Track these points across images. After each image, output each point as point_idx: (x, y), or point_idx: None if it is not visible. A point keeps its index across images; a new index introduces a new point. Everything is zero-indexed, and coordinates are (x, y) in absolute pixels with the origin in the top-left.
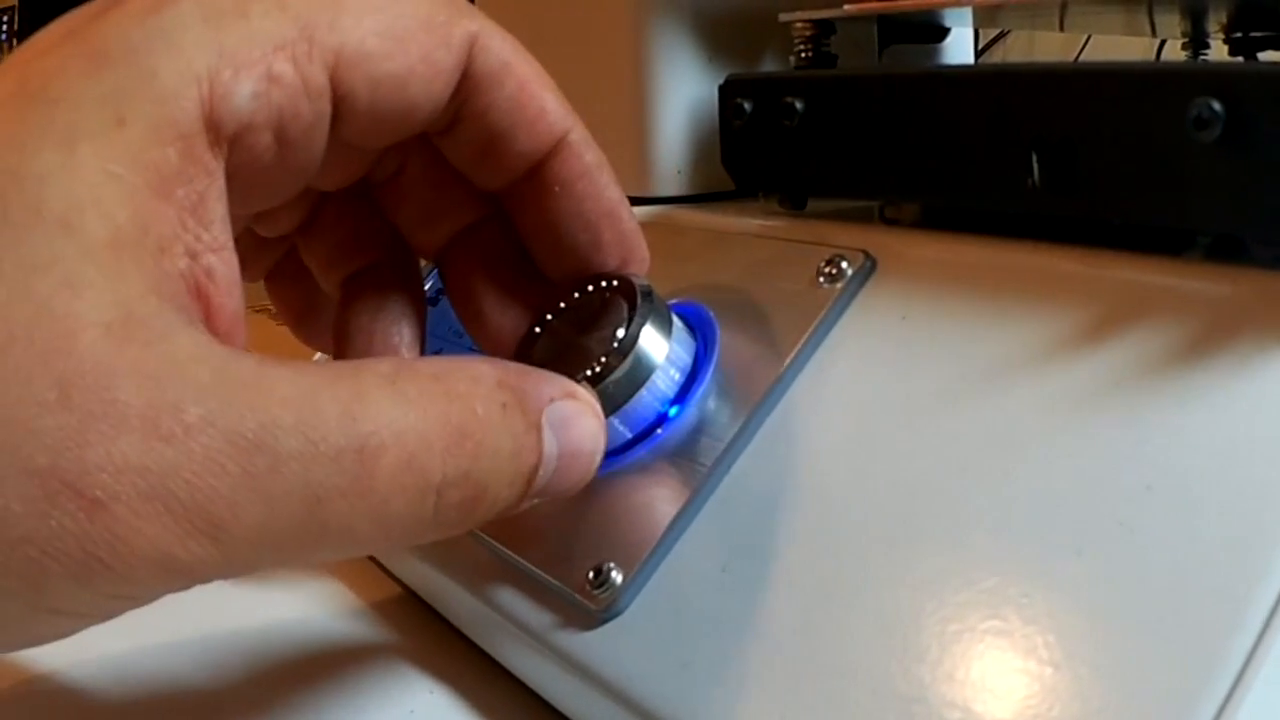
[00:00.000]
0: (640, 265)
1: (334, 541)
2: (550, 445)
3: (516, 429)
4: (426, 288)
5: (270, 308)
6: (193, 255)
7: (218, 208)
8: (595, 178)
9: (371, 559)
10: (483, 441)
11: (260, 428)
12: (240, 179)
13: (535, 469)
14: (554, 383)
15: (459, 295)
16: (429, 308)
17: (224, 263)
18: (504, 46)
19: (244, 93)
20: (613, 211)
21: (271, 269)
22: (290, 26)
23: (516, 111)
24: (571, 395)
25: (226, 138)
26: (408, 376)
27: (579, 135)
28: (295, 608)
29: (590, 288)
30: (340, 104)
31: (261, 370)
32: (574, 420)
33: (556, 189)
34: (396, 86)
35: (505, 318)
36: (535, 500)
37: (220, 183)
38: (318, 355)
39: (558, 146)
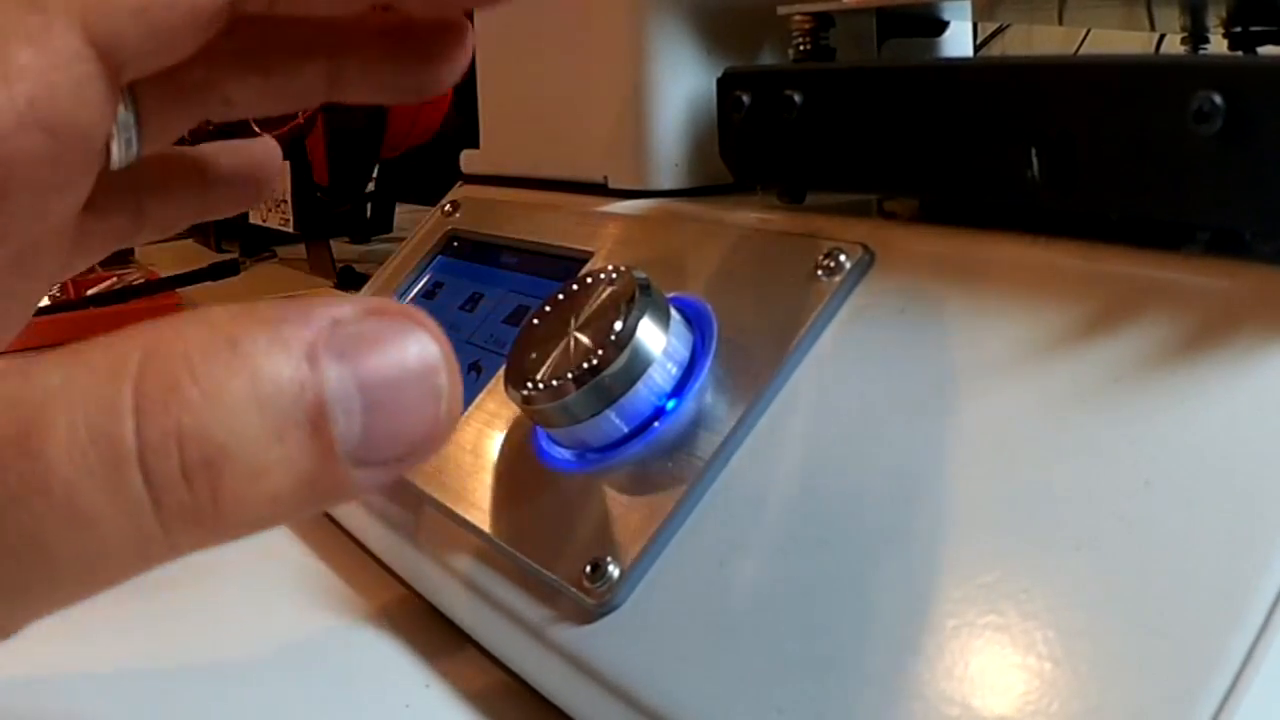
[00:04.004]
0: None
1: (36, 566)
2: (339, 377)
3: (266, 362)
4: (423, 283)
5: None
6: None
7: None
8: None
9: (368, 554)
10: (202, 388)
11: None
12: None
13: (319, 412)
14: (341, 304)
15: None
16: (427, 300)
17: None
18: None
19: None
20: None
21: None
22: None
23: None
24: (377, 312)
25: None
26: (88, 342)
27: None
28: (293, 603)
29: (588, 279)
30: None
31: None
32: (382, 337)
33: None
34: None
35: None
36: (376, 472)
37: None
38: None
39: None
